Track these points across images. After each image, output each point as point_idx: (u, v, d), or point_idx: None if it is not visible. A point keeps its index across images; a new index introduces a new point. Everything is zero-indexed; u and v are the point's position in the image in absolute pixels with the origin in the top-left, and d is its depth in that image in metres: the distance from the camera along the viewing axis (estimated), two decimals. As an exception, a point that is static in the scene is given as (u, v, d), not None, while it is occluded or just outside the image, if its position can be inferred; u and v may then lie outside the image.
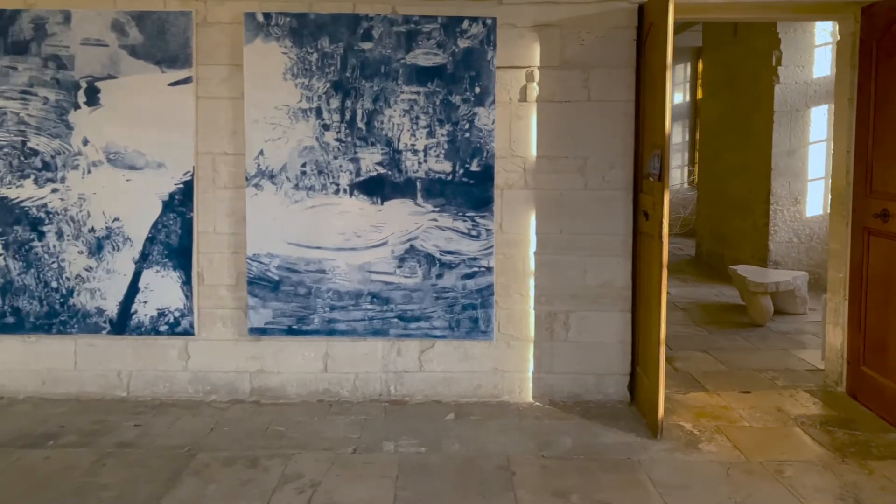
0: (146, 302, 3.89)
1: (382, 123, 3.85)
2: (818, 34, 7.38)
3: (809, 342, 5.32)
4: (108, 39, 3.81)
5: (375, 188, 3.88)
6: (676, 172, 13.23)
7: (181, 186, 3.86)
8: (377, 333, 3.93)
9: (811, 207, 7.54)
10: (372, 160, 3.87)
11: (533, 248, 3.92)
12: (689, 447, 3.37)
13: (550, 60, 3.85)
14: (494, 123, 3.83)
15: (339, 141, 3.86)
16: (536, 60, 3.85)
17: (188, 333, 3.90)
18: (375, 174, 3.88)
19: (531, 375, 3.96)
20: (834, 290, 4.17)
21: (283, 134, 3.85)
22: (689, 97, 13.29)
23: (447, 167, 3.86)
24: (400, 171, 3.87)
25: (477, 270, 3.89)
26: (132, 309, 3.89)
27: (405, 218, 3.89)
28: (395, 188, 3.88)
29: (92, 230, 3.87)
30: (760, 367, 4.69)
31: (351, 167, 3.87)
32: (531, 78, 3.87)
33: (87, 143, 3.84)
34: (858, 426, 3.62)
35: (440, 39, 3.81)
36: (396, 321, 3.92)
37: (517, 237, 3.92)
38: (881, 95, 3.73)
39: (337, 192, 3.88)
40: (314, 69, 3.82)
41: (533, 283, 3.93)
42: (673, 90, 3.77)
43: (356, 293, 3.91)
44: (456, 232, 3.89)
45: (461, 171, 3.86)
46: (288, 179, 3.87)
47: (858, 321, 3.94)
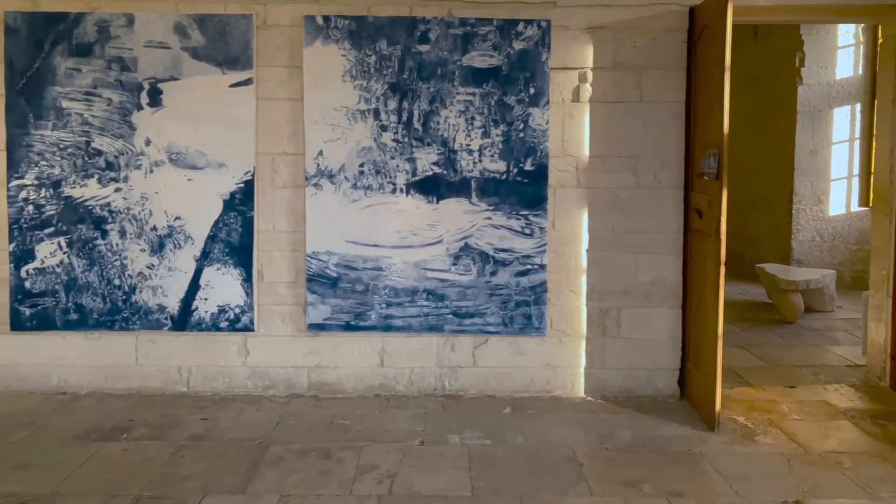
0: (206, 299, 3.97)
1: (438, 124, 3.94)
2: (841, 36, 7.48)
3: (842, 339, 5.42)
4: (170, 42, 3.89)
5: (431, 187, 3.96)
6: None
7: (242, 186, 3.94)
8: (432, 329, 4.01)
9: (834, 207, 7.64)
10: (428, 160, 3.95)
11: (585, 245, 4.01)
12: (745, 439, 3.46)
13: (603, 62, 3.94)
14: (548, 123, 3.92)
15: (396, 141, 3.94)
16: (589, 62, 3.94)
17: (248, 329, 3.98)
18: (431, 174, 3.96)
19: (583, 371, 4.05)
20: (876, 286, 4.26)
21: (341, 135, 3.93)
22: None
23: (501, 167, 3.95)
24: (455, 170, 3.95)
25: (530, 268, 3.98)
26: (193, 306, 3.97)
27: (460, 216, 3.97)
28: (450, 187, 3.96)
29: (154, 228, 3.95)
30: (799, 362, 4.78)
31: (407, 167, 3.95)
32: (584, 79, 3.95)
33: (149, 143, 3.91)
34: (907, 419, 3.72)
35: (496, 41, 3.90)
36: (451, 317, 4.00)
37: (570, 235, 4.01)
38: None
39: (394, 191, 3.96)
40: (372, 71, 3.91)
41: (585, 280, 4.02)
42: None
43: (412, 290, 4.00)
44: (510, 230, 3.97)
45: (515, 170, 3.94)
46: (346, 179, 3.95)
47: (903, 317, 4.03)
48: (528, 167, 3.94)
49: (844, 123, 7.54)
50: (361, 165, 3.95)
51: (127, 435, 3.43)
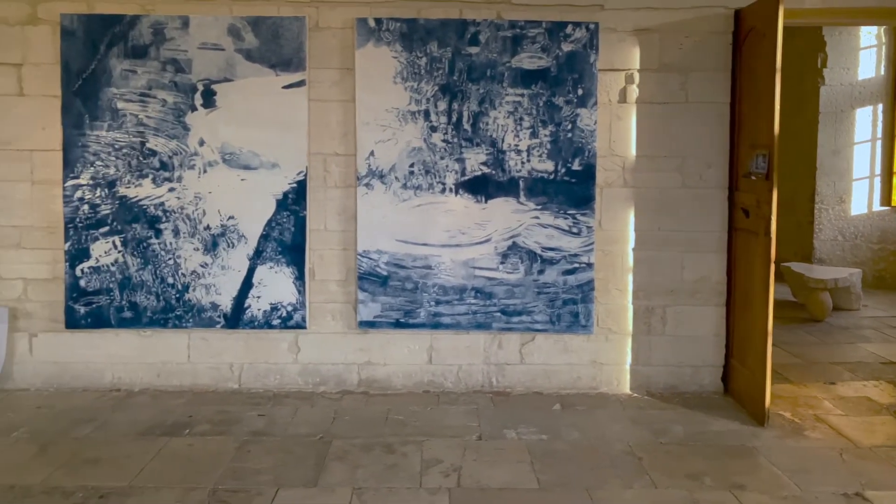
0: (259, 297, 4.03)
1: (487, 125, 4.00)
2: (863, 37, 7.54)
3: (873, 336, 5.48)
4: (224, 43, 3.95)
5: (480, 187, 4.03)
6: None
7: (294, 186, 4.00)
8: (480, 327, 4.07)
9: (856, 206, 7.71)
10: (477, 160, 4.01)
11: (631, 244, 4.07)
12: (795, 434, 3.52)
13: (649, 63, 4.00)
14: (596, 124, 3.98)
15: (445, 142, 4.01)
16: (636, 63, 4.00)
17: (300, 327, 4.04)
18: (480, 173, 4.02)
19: (628, 368, 4.11)
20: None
21: (392, 135, 3.99)
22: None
23: (549, 166, 4.01)
24: (504, 170, 4.02)
25: (577, 266, 4.04)
26: (245, 304, 4.03)
27: (508, 216, 4.03)
28: (498, 187, 4.03)
29: (207, 228, 4.01)
30: (834, 360, 4.84)
31: (456, 167, 4.02)
32: (630, 80, 4.02)
33: (203, 143, 3.98)
34: (951, 414, 3.78)
35: (544, 43, 3.96)
36: (499, 315, 4.06)
37: (616, 234, 4.07)
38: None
39: (443, 190, 4.03)
40: (423, 73, 3.97)
41: (631, 278, 4.08)
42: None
43: (460, 288, 4.06)
44: (557, 229, 4.03)
45: (563, 170, 4.01)
46: (397, 179, 4.01)
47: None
48: (575, 167, 4.00)
49: (866, 123, 7.60)
50: (411, 165, 4.01)
51: (189, 431, 3.49)
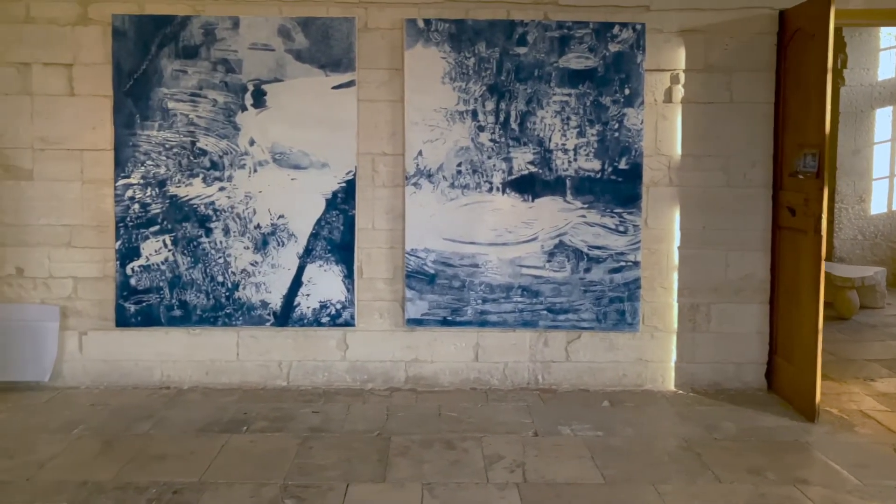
0: (308, 295, 4.06)
1: (534, 124, 4.04)
2: (883, 38, 7.60)
3: (903, 334, 5.54)
4: (274, 44, 3.98)
5: (527, 186, 4.07)
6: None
7: (344, 185, 4.03)
8: (526, 325, 4.11)
9: (875, 205, 7.77)
10: (524, 159, 4.05)
11: (677, 242, 4.12)
12: (845, 430, 3.57)
13: (694, 64, 4.05)
14: (643, 123, 4.02)
15: (492, 141, 4.04)
16: (681, 64, 4.05)
17: (348, 325, 4.08)
18: (527, 172, 4.06)
19: (673, 365, 4.15)
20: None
21: (440, 135, 4.03)
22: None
23: (596, 165, 4.05)
24: (550, 169, 4.06)
25: (624, 265, 4.08)
26: (295, 302, 4.06)
27: (555, 214, 4.07)
28: (545, 186, 4.07)
29: (258, 227, 4.04)
30: (868, 357, 4.90)
31: (504, 166, 4.06)
32: (676, 80, 4.06)
33: (253, 143, 4.01)
34: None
35: (591, 44, 4.00)
36: (545, 313, 4.10)
37: (662, 233, 4.11)
38: None
39: (490, 189, 4.07)
40: (471, 73, 4.01)
41: (676, 276, 4.12)
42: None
43: (507, 286, 4.10)
44: (604, 228, 4.07)
45: (609, 169, 4.05)
46: (444, 178, 4.05)
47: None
48: (622, 166, 4.04)
49: (886, 124, 7.66)
50: (459, 165, 4.05)
51: (247, 427, 3.52)
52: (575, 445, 3.34)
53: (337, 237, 4.05)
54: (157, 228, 4.03)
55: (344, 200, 4.04)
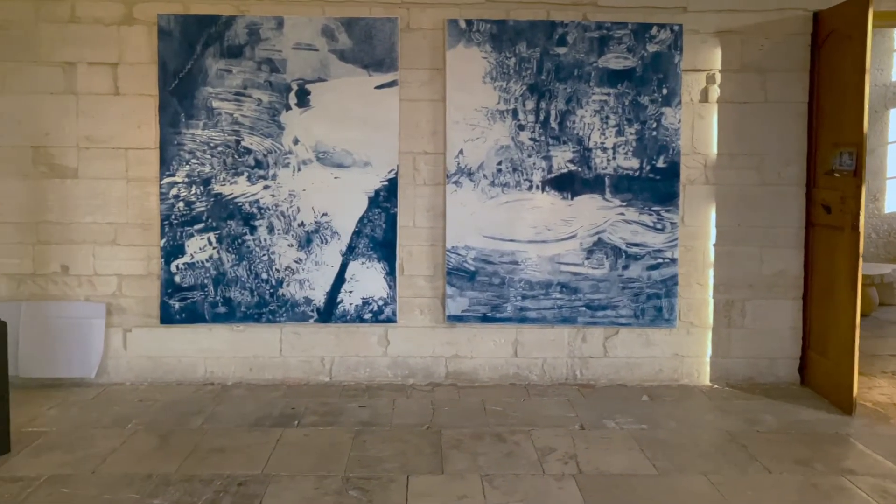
0: (351, 291, 4.12)
1: (574, 123, 4.11)
2: (896, 38, 7.70)
3: (923, 330, 5.63)
4: (318, 44, 4.04)
5: (566, 184, 4.13)
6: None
7: (386, 183, 4.09)
8: (565, 321, 4.18)
9: (889, 204, 7.86)
10: (563, 158, 4.12)
11: (712, 240, 4.19)
12: (883, 422, 3.65)
13: (730, 64, 4.12)
14: (680, 123, 4.09)
15: (532, 140, 4.11)
16: (717, 64, 4.12)
17: (390, 321, 4.14)
18: (566, 171, 4.13)
19: (709, 360, 4.23)
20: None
21: (481, 134, 4.09)
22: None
23: (635, 164, 4.12)
24: (589, 167, 4.13)
25: (661, 262, 4.15)
26: (338, 298, 4.12)
27: (594, 212, 4.14)
28: (584, 184, 4.14)
29: (301, 224, 4.10)
30: (893, 352, 4.98)
31: (543, 164, 4.12)
32: (712, 80, 4.13)
33: (297, 142, 4.06)
34: None
35: (630, 44, 4.07)
36: (584, 309, 4.17)
37: (698, 230, 4.19)
38: None
39: (530, 188, 4.13)
40: (511, 73, 4.07)
41: (712, 273, 4.20)
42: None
43: (546, 283, 4.16)
44: (642, 225, 4.14)
45: (647, 167, 4.12)
46: (485, 177, 4.11)
47: None
48: (660, 164, 4.11)
49: (900, 123, 7.76)
50: (499, 163, 4.11)
51: (299, 422, 3.58)
52: (623, 438, 3.41)
53: (379, 235, 4.11)
54: (201, 226, 4.08)
55: (386, 199, 4.10)
